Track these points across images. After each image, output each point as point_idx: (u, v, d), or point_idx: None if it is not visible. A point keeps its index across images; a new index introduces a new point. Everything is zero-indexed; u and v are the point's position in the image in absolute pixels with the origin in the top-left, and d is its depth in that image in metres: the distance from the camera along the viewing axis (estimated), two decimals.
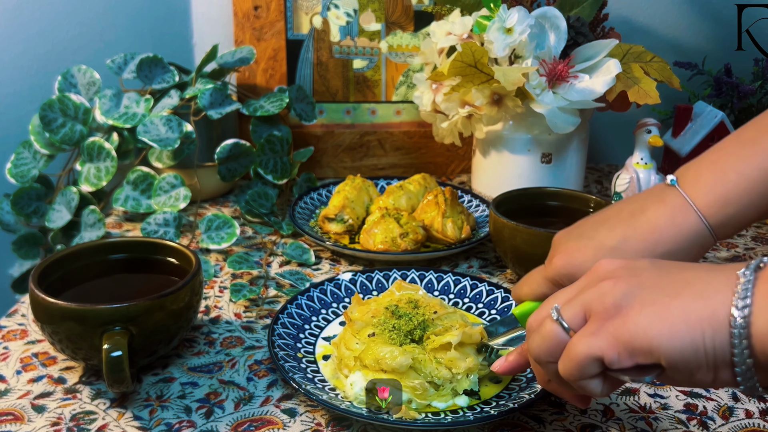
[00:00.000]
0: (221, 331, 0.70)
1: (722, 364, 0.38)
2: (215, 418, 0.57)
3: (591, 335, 0.41)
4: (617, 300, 0.41)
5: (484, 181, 1.02)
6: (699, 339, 0.38)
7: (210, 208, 1.01)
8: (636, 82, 0.88)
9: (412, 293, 0.67)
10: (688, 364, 0.38)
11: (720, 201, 0.53)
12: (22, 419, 0.57)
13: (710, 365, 0.38)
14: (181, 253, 0.67)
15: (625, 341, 0.40)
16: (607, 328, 0.41)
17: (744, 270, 0.39)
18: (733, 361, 0.38)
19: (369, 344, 0.59)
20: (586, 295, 0.43)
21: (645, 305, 0.40)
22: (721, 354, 0.38)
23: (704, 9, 1.19)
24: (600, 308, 0.42)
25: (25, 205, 0.95)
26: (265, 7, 1.06)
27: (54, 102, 0.92)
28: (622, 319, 0.40)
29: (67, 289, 0.65)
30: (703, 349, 0.38)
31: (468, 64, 0.86)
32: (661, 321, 0.39)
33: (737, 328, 0.37)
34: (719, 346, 0.38)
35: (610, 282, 0.42)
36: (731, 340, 0.37)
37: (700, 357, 0.38)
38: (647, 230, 0.54)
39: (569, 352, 0.43)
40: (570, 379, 0.43)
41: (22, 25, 1.09)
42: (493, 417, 0.55)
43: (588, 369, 0.42)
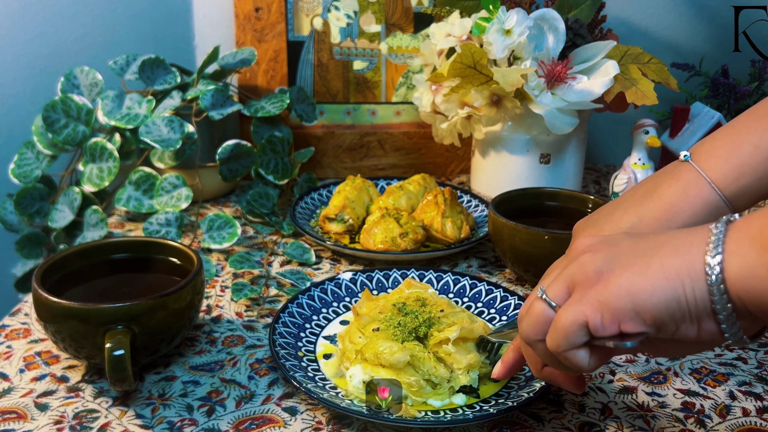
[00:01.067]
0: (223, 330, 0.70)
1: (704, 313, 0.39)
2: (217, 417, 0.57)
3: (575, 303, 0.42)
4: (598, 267, 0.42)
5: (483, 182, 1.02)
6: (680, 290, 0.39)
7: (211, 208, 1.01)
8: (634, 83, 0.88)
9: (421, 291, 0.67)
10: (673, 316, 0.39)
11: (734, 172, 0.52)
12: (25, 417, 0.57)
13: (693, 316, 0.39)
14: (183, 253, 0.67)
15: (608, 303, 0.40)
16: (590, 295, 0.42)
17: (716, 224, 0.40)
18: (714, 308, 0.39)
19: (371, 339, 0.60)
20: (567, 270, 0.44)
21: (625, 268, 0.41)
22: (702, 303, 0.39)
23: (701, 11, 1.19)
24: (582, 278, 0.43)
25: (28, 205, 0.95)
26: (266, 8, 1.06)
27: (57, 103, 0.92)
28: (603, 284, 0.41)
29: (69, 288, 0.65)
30: (684, 300, 0.39)
31: (467, 65, 0.86)
32: (641, 279, 0.40)
33: (713, 275, 0.38)
34: (699, 296, 0.39)
35: (589, 254, 0.43)
36: (709, 288, 0.38)
37: (683, 308, 0.39)
38: (661, 207, 0.53)
39: (555, 322, 0.43)
40: (557, 350, 0.43)
41: (25, 27, 1.09)
42: (493, 415, 0.55)
43: (574, 337, 0.42)
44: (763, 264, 0.37)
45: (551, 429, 0.56)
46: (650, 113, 1.16)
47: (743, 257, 0.38)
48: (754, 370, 0.64)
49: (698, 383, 0.62)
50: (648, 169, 0.90)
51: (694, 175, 0.53)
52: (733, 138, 0.53)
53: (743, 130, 0.52)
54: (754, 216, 0.39)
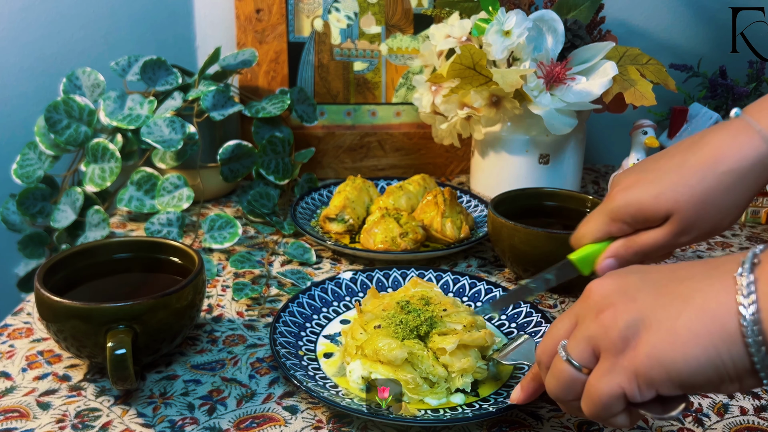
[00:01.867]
0: (224, 330, 0.70)
1: (745, 373, 0.37)
2: (218, 415, 0.57)
3: (608, 373, 0.41)
4: (622, 332, 0.40)
5: (482, 182, 1.02)
6: (715, 356, 0.37)
7: (213, 208, 1.01)
8: (632, 84, 0.88)
9: (427, 290, 0.67)
10: (711, 381, 0.37)
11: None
12: (27, 416, 0.57)
13: (733, 377, 0.37)
14: (185, 253, 0.67)
15: (642, 374, 0.39)
16: (621, 364, 0.40)
17: (740, 271, 0.37)
18: (756, 369, 0.36)
19: (372, 335, 0.60)
20: (588, 331, 0.42)
21: (651, 332, 0.39)
22: (741, 365, 0.36)
23: (700, 12, 1.19)
24: (608, 344, 0.41)
25: (31, 205, 0.95)
26: (267, 10, 1.06)
27: (59, 103, 0.92)
28: (633, 351, 0.39)
29: (71, 288, 0.65)
30: (722, 365, 0.37)
31: (467, 66, 0.86)
32: (671, 346, 0.38)
33: (751, 337, 0.36)
34: (738, 358, 0.36)
35: (609, 313, 0.41)
36: (748, 350, 0.36)
37: (721, 372, 0.37)
38: (707, 152, 0.52)
39: (590, 394, 0.42)
40: (596, 419, 0.42)
41: (27, 28, 1.09)
42: (492, 414, 0.55)
43: (613, 408, 0.41)
44: None
45: (550, 428, 0.56)
46: (648, 114, 1.16)
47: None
48: None
49: None
50: None
51: (744, 124, 0.51)
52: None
53: None
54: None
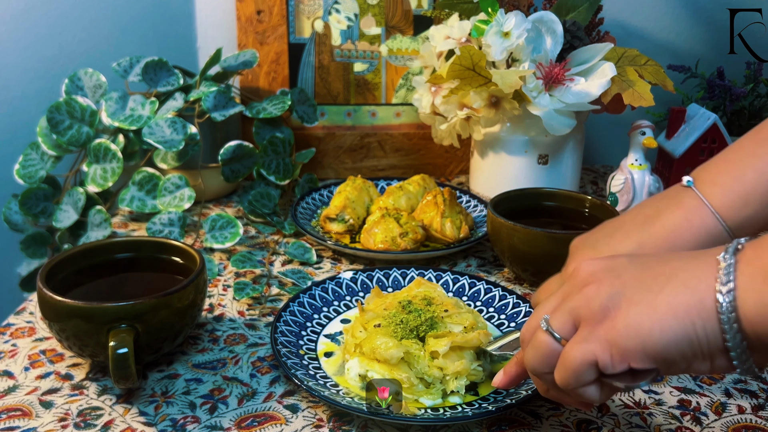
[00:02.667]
0: (225, 329, 0.70)
1: (717, 350, 0.37)
2: (219, 414, 0.57)
3: (583, 341, 0.41)
4: (604, 303, 0.40)
5: (482, 182, 1.02)
6: (690, 329, 0.37)
7: (214, 208, 1.01)
8: (631, 85, 0.88)
9: (430, 290, 0.67)
10: (684, 355, 0.38)
11: (738, 201, 0.50)
12: (30, 415, 0.57)
13: (705, 354, 0.38)
14: (186, 253, 0.67)
15: (617, 343, 0.39)
16: (598, 332, 0.40)
17: (723, 254, 0.38)
18: (727, 346, 0.37)
19: (371, 334, 0.60)
20: (572, 302, 0.43)
21: (632, 304, 0.39)
22: (714, 341, 0.37)
23: (697, 13, 1.19)
24: (588, 314, 0.41)
25: (33, 205, 0.95)
26: (268, 11, 1.06)
27: (61, 104, 0.92)
28: (611, 322, 0.40)
29: (74, 287, 0.65)
30: (696, 339, 0.37)
31: (466, 67, 0.86)
32: (649, 318, 0.38)
33: (725, 314, 0.36)
34: (711, 334, 0.37)
35: (593, 286, 0.42)
36: (721, 326, 0.37)
37: (695, 347, 0.38)
38: (662, 234, 0.52)
39: (563, 360, 0.42)
40: (567, 387, 0.42)
41: (29, 29, 1.09)
42: (491, 413, 0.55)
43: (584, 376, 0.41)
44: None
45: (549, 426, 0.56)
46: (647, 114, 1.16)
47: (760, 295, 0.36)
48: (762, 371, 0.64)
49: (694, 381, 0.62)
50: (645, 169, 0.90)
51: (696, 202, 0.51)
52: (736, 164, 0.51)
53: (746, 157, 0.51)
54: (765, 247, 0.37)
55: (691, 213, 0.51)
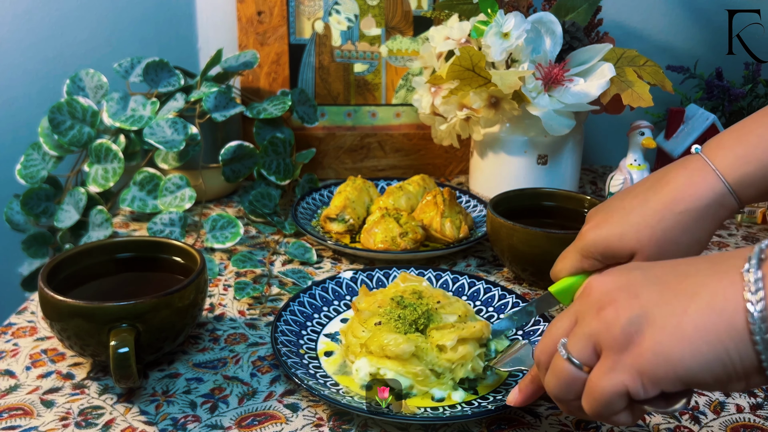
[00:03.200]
0: (225, 328, 0.70)
1: (753, 370, 0.36)
2: (220, 413, 0.57)
3: (610, 371, 0.39)
4: (625, 328, 0.39)
5: (481, 182, 1.02)
6: (723, 354, 0.36)
7: (214, 209, 1.01)
8: (630, 86, 0.88)
9: (417, 284, 0.68)
10: (718, 379, 0.37)
11: (739, 160, 0.52)
12: (31, 414, 0.57)
13: (740, 375, 0.36)
14: (187, 252, 0.67)
15: (647, 371, 0.38)
16: (625, 361, 0.39)
17: (747, 267, 0.36)
18: (763, 366, 0.36)
19: (375, 332, 0.60)
20: (589, 327, 0.41)
21: (657, 329, 0.38)
22: (749, 362, 0.36)
23: (696, 14, 1.19)
24: (610, 340, 0.40)
25: (35, 205, 0.95)
26: (269, 12, 1.06)
27: (62, 105, 0.92)
28: (637, 349, 0.38)
29: (75, 287, 0.65)
30: (730, 363, 0.36)
31: (466, 68, 0.86)
32: (679, 344, 0.37)
33: (759, 335, 0.35)
34: (746, 357, 0.36)
35: (611, 309, 0.40)
36: (755, 347, 0.35)
37: (729, 370, 0.36)
38: (666, 192, 0.54)
39: (592, 391, 0.41)
40: (598, 418, 0.42)
41: (31, 30, 1.09)
42: (491, 412, 0.55)
43: (615, 406, 0.40)
44: None
45: (548, 425, 0.56)
46: (646, 115, 1.16)
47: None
48: None
49: None
50: (644, 169, 0.90)
51: (701, 163, 0.54)
52: (741, 131, 0.54)
53: (752, 124, 0.54)
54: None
55: (695, 173, 0.54)
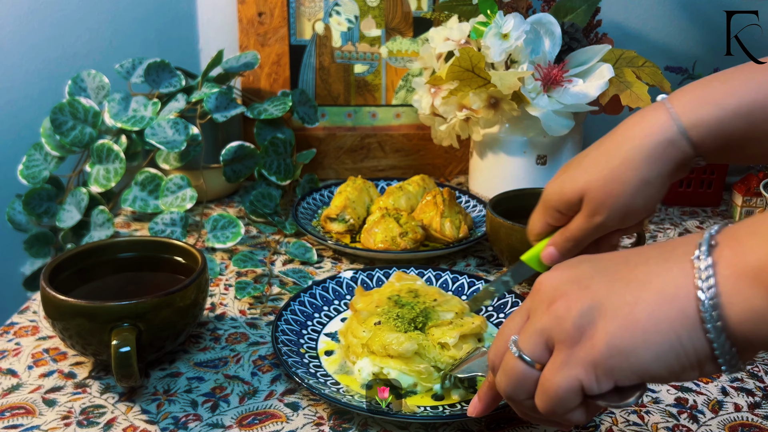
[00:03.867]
0: (226, 328, 0.70)
1: (705, 359, 0.36)
2: (221, 412, 0.57)
3: (563, 366, 0.38)
4: (576, 321, 0.37)
5: (481, 182, 1.02)
6: (676, 343, 0.35)
7: (215, 209, 1.01)
8: (628, 86, 0.88)
9: (412, 283, 0.68)
10: (672, 369, 0.36)
11: (697, 101, 0.51)
12: (33, 413, 0.57)
13: (694, 364, 0.36)
14: (188, 252, 0.67)
15: (600, 364, 0.37)
16: (578, 355, 0.38)
17: (698, 254, 0.36)
18: (715, 354, 0.35)
19: (375, 332, 0.60)
20: (540, 323, 0.40)
21: (608, 320, 0.37)
22: (702, 351, 0.35)
23: (694, 15, 1.19)
24: (561, 335, 0.38)
25: (37, 205, 0.95)
26: (269, 13, 1.06)
27: (64, 105, 0.92)
28: (589, 342, 0.37)
29: (77, 286, 0.65)
30: (683, 352, 0.35)
31: (465, 68, 0.86)
32: (631, 334, 0.36)
33: (710, 323, 0.34)
34: (698, 345, 0.35)
35: (561, 302, 0.39)
36: (707, 335, 0.35)
37: (682, 359, 0.36)
38: (618, 133, 0.53)
39: (545, 388, 0.39)
40: (551, 415, 0.40)
41: (33, 31, 1.09)
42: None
43: (569, 402, 0.39)
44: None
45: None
46: None
47: (747, 301, 0.34)
48: (746, 366, 0.64)
49: None
50: None
51: (659, 105, 0.52)
52: (708, 79, 0.52)
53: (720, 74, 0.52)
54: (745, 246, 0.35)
55: (648, 113, 0.52)
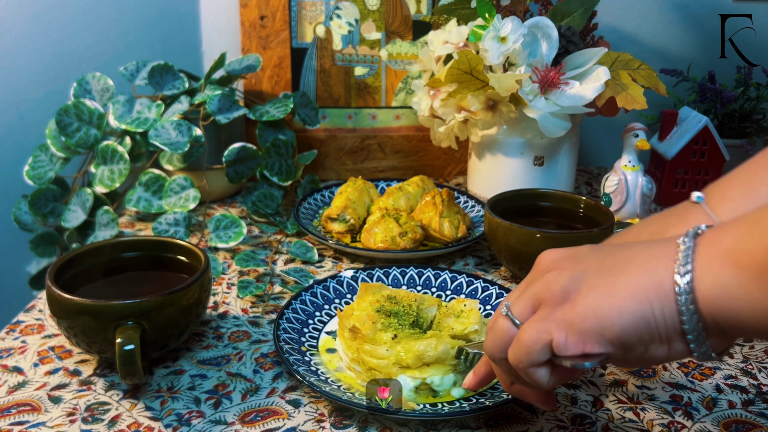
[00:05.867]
0: (229, 326, 0.70)
1: (674, 333, 0.37)
2: (223, 409, 0.57)
3: (540, 321, 0.40)
4: (564, 286, 0.40)
5: (479, 183, 1.02)
6: (648, 311, 0.36)
7: (218, 209, 1.01)
8: (624, 89, 0.88)
9: (381, 291, 0.66)
10: (641, 338, 0.37)
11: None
12: (39, 409, 0.57)
13: (663, 337, 0.37)
14: (191, 252, 0.67)
15: (574, 324, 0.38)
16: (556, 313, 0.40)
17: (684, 238, 0.37)
18: (684, 329, 0.36)
19: (403, 345, 0.57)
20: (533, 288, 0.42)
21: (592, 287, 0.39)
22: (671, 323, 0.36)
23: (689, 19, 1.19)
24: (548, 297, 0.41)
25: (42, 205, 0.95)
26: (271, 17, 1.06)
27: (70, 107, 0.92)
28: (570, 304, 0.39)
29: (82, 285, 0.65)
30: (654, 321, 0.37)
31: (464, 71, 0.86)
32: (608, 300, 0.37)
33: (682, 295, 0.36)
34: (669, 316, 0.36)
35: (555, 272, 0.41)
36: (678, 308, 0.36)
37: (652, 329, 0.37)
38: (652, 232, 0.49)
39: (518, 337, 0.41)
40: (519, 365, 0.42)
41: (39, 35, 1.09)
42: (489, 408, 0.55)
43: (536, 355, 0.40)
44: (740, 285, 0.34)
45: (545, 421, 0.56)
46: (640, 117, 1.16)
47: (717, 276, 0.35)
48: (740, 364, 0.64)
49: (686, 377, 0.62)
50: (638, 171, 0.90)
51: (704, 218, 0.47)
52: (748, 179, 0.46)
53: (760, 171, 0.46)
54: (724, 230, 0.36)
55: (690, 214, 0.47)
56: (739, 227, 0.36)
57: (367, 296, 0.66)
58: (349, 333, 0.61)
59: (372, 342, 0.60)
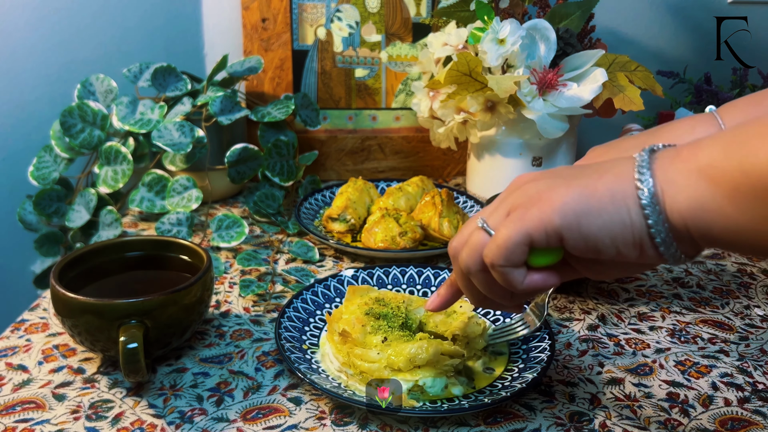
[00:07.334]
0: (231, 325, 0.70)
1: (644, 236, 0.38)
2: (225, 406, 0.57)
3: (516, 220, 0.41)
4: (541, 189, 0.41)
5: (478, 183, 1.02)
6: (624, 212, 0.38)
7: (220, 209, 1.01)
8: (621, 90, 0.88)
9: (369, 292, 0.66)
10: (615, 239, 0.39)
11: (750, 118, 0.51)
12: (43, 407, 0.57)
13: (636, 241, 0.39)
14: (193, 251, 0.67)
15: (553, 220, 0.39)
16: (532, 212, 0.40)
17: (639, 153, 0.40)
18: (651, 234, 0.38)
19: (393, 348, 0.57)
20: (509, 199, 0.43)
21: (569, 188, 0.40)
22: (640, 227, 0.38)
23: (685, 21, 1.19)
24: (524, 200, 0.41)
25: (47, 205, 0.95)
26: (273, 19, 1.06)
27: (74, 109, 0.92)
28: (547, 202, 0.40)
29: (86, 284, 0.65)
30: (629, 224, 0.38)
31: (463, 73, 0.86)
32: (588, 199, 0.39)
33: (644, 198, 0.38)
34: (637, 221, 0.38)
35: (531, 183, 0.42)
36: (643, 211, 0.38)
37: (626, 233, 0.38)
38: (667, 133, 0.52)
39: (495, 238, 0.42)
40: (496, 265, 0.42)
41: (43, 37, 1.09)
42: (487, 405, 0.55)
43: (514, 254, 0.41)
44: (714, 200, 0.36)
45: (543, 418, 0.56)
46: (637, 118, 1.16)
47: (693, 190, 0.37)
48: (736, 362, 0.64)
49: (682, 375, 0.62)
50: None
51: (709, 116, 0.51)
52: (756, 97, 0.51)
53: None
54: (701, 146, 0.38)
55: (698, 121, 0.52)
56: (715, 144, 0.37)
57: (355, 299, 0.65)
58: (339, 337, 0.60)
59: (362, 345, 0.59)
